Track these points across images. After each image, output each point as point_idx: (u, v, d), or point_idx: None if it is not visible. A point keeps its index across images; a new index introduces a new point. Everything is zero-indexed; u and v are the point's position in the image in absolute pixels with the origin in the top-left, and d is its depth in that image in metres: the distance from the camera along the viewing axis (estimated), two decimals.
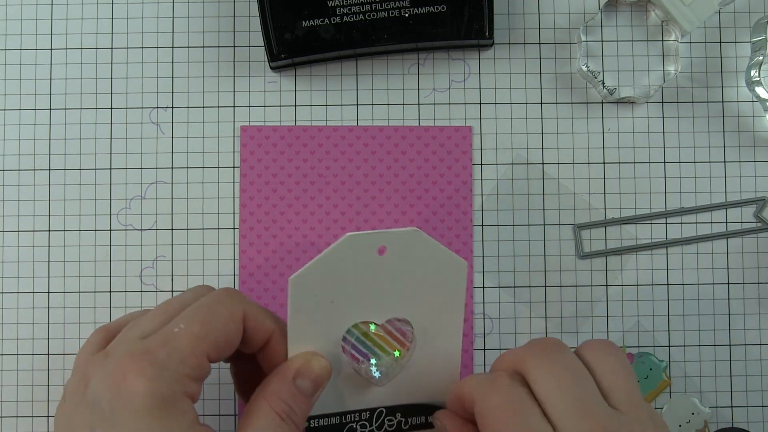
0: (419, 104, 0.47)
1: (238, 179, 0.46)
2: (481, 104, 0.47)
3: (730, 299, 0.46)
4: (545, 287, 0.46)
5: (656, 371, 0.45)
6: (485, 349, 0.46)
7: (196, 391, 0.33)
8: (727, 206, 0.46)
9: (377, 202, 0.46)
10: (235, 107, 0.47)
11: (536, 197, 0.46)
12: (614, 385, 0.33)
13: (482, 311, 0.46)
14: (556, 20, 0.47)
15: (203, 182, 0.46)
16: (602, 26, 0.47)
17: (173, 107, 0.47)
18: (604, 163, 0.46)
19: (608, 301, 0.46)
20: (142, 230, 0.46)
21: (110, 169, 0.46)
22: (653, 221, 0.46)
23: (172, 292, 0.46)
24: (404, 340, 0.36)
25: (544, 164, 0.46)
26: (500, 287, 0.46)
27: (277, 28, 0.44)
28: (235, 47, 0.47)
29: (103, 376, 0.32)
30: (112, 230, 0.46)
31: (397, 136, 0.46)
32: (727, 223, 0.46)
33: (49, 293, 0.46)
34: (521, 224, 0.46)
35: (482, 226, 0.46)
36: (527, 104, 0.47)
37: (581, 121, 0.47)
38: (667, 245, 0.46)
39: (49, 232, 0.46)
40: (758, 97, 0.45)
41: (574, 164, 0.46)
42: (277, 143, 0.46)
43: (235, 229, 0.46)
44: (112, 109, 0.47)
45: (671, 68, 0.47)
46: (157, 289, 0.46)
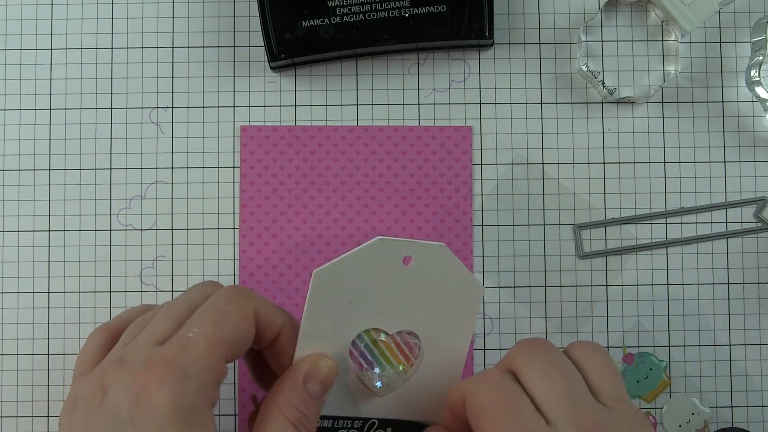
0: (419, 104, 0.47)
1: (238, 179, 0.46)
2: (481, 104, 0.47)
3: (730, 299, 0.46)
4: (545, 287, 0.46)
5: (656, 371, 0.45)
6: (485, 349, 0.46)
7: (216, 397, 0.33)
8: (727, 206, 0.46)
9: (377, 202, 0.46)
10: (235, 107, 0.47)
11: (536, 197, 0.46)
12: (602, 383, 0.33)
13: (482, 311, 0.46)
14: (556, 20, 0.47)
15: (203, 182, 0.46)
16: (602, 26, 0.47)
17: (173, 107, 0.47)
18: (604, 163, 0.46)
19: (608, 301, 0.46)
20: (142, 230, 0.46)
21: (110, 169, 0.46)
22: (653, 221, 0.46)
23: (172, 292, 0.46)
24: (410, 355, 0.36)
25: (544, 164, 0.46)
26: (500, 287, 0.46)
27: (277, 28, 0.44)
28: (235, 47, 0.47)
29: (122, 385, 0.31)
30: (112, 230, 0.46)
31: (397, 136, 0.46)
32: (727, 223, 0.46)
33: (49, 293, 0.46)
34: (521, 224, 0.46)
35: (482, 226, 0.46)
36: (527, 104, 0.47)
37: (581, 121, 0.47)
38: (667, 245, 0.46)
39: (49, 232, 0.46)
40: (758, 97, 0.45)
41: (574, 164, 0.46)
42: (277, 143, 0.46)
43: (235, 229, 0.46)
44: (112, 109, 0.47)
45: (671, 68, 0.47)
46: (157, 289, 0.46)
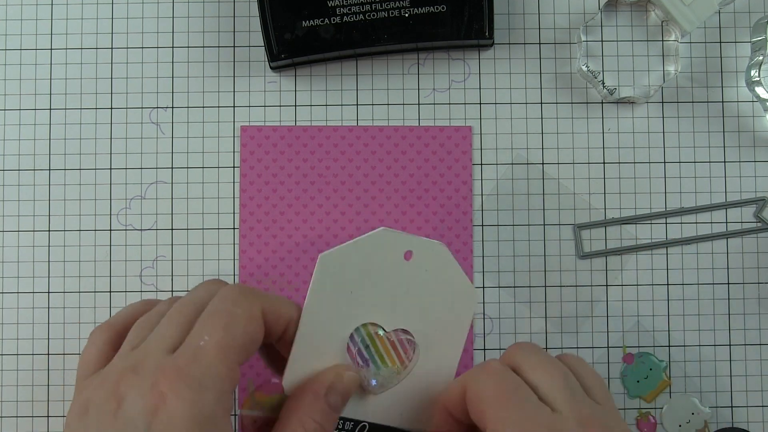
0: (419, 104, 0.47)
1: (238, 179, 0.46)
2: (481, 104, 0.47)
3: (730, 299, 0.46)
4: (545, 287, 0.46)
5: (656, 371, 0.45)
6: (485, 349, 0.46)
7: (231, 404, 0.32)
8: (727, 206, 0.46)
9: (377, 202, 0.46)
10: (235, 107, 0.47)
11: (536, 197, 0.46)
12: (593, 385, 0.35)
13: (482, 311, 0.46)
14: (556, 20, 0.47)
15: (203, 182, 0.46)
16: (602, 26, 0.47)
17: (173, 107, 0.47)
18: (604, 163, 0.46)
19: (608, 301, 0.46)
20: (142, 230, 0.46)
21: (110, 169, 0.46)
22: (653, 221, 0.46)
23: (172, 292, 0.46)
24: (405, 356, 0.37)
25: (544, 164, 0.46)
26: (500, 287, 0.46)
27: (277, 28, 0.44)
28: (235, 47, 0.47)
29: (138, 395, 0.30)
30: (112, 230, 0.46)
31: (397, 136, 0.46)
32: (727, 223, 0.46)
33: (49, 293, 0.46)
34: (521, 224, 0.46)
35: (482, 226, 0.46)
36: (527, 104, 0.47)
37: (581, 121, 0.47)
38: (667, 245, 0.46)
39: (49, 232, 0.46)
40: (758, 97, 0.45)
41: (574, 164, 0.46)
42: (277, 143, 0.46)
43: (235, 229, 0.46)
44: (112, 109, 0.47)
45: (671, 68, 0.47)
46: (157, 289, 0.46)
